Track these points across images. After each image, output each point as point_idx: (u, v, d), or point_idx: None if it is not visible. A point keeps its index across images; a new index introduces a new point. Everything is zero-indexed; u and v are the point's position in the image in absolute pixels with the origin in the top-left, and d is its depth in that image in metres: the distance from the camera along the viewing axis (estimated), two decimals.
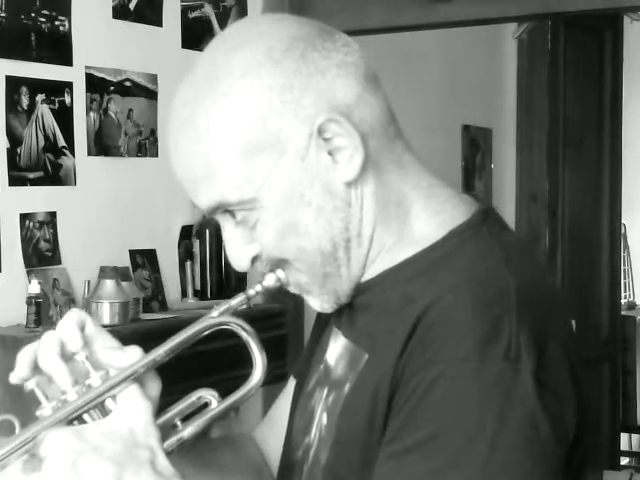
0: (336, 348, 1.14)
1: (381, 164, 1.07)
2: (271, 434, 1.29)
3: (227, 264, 3.37)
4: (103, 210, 2.89)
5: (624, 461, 5.63)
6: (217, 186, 1.04)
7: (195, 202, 1.07)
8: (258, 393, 1.79)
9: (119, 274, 2.72)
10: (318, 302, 1.10)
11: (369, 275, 1.09)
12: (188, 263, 3.14)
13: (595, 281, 5.08)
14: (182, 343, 1.06)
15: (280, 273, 1.08)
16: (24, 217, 2.68)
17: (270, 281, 1.08)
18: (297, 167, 1.03)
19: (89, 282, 2.73)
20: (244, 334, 1.07)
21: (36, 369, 1.05)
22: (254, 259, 1.08)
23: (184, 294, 3.14)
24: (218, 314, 1.07)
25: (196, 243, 3.16)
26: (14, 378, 1.05)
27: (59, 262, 2.76)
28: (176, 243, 3.14)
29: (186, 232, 3.16)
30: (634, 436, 5.77)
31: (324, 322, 1.19)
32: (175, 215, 3.10)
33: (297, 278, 1.08)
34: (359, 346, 1.08)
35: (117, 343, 1.08)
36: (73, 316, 1.07)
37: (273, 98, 1.02)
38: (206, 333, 1.07)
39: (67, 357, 1.05)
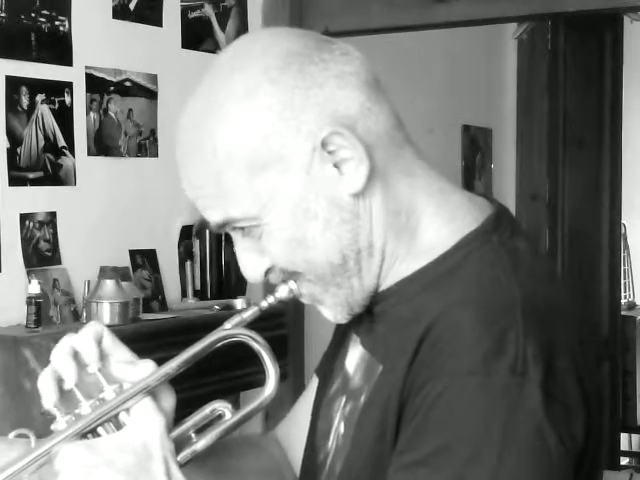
0: (354, 356, 1.14)
1: (389, 174, 1.06)
2: (294, 433, 1.30)
3: (227, 264, 3.37)
4: (103, 210, 2.89)
5: (624, 461, 5.64)
6: (224, 205, 1.04)
7: (205, 217, 1.08)
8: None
9: (119, 274, 2.71)
10: (331, 313, 1.10)
11: (388, 284, 1.08)
12: (188, 263, 3.13)
13: (595, 281, 5.08)
14: (195, 356, 1.07)
15: (292, 285, 1.08)
16: (24, 217, 2.68)
17: (283, 293, 1.09)
18: (302, 182, 1.03)
19: (89, 282, 2.72)
20: (256, 346, 1.07)
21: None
22: (267, 271, 1.08)
23: (184, 294, 3.14)
24: (231, 326, 1.08)
25: (196, 243, 3.15)
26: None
27: (59, 262, 2.76)
28: (176, 243, 3.14)
29: (186, 232, 3.15)
30: (634, 436, 5.78)
31: (345, 326, 1.18)
32: (175, 215, 3.09)
33: (309, 289, 1.08)
34: (375, 356, 1.09)
35: (133, 357, 1.09)
36: (90, 329, 1.08)
37: (273, 117, 1.02)
38: (219, 345, 1.08)
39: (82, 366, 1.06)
